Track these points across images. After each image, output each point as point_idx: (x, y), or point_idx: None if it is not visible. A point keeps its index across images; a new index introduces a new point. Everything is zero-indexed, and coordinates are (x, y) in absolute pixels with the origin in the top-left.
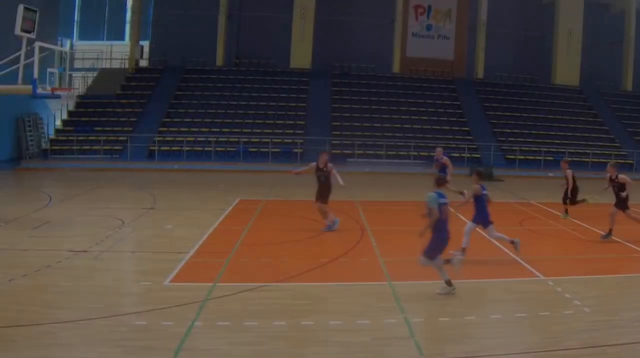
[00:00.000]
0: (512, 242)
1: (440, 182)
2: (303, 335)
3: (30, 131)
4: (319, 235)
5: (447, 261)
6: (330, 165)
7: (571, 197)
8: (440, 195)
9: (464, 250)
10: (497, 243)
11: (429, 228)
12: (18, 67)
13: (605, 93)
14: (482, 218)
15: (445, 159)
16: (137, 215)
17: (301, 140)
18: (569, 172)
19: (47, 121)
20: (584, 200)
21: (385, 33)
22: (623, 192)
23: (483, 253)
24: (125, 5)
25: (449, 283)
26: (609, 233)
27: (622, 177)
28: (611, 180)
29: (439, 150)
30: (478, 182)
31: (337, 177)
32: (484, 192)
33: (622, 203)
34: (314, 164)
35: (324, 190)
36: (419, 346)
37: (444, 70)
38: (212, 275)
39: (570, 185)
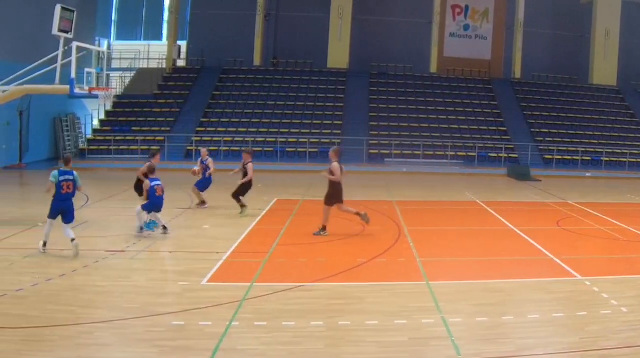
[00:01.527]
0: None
1: None
2: (340, 335)
3: (67, 131)
4: (356, 235)
5: None
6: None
7: None
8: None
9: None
10: (534, 242)
11: None
12: (55, 67)
13: None
14: None
15: None
16: (174, 215)
17: (338, 140)
18: None
19: (84, 121)
20: None
21: (422, 33)
22: None
23: (520, 253)
24: (163, 5)
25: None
26: None
27: None
28: None
29: None
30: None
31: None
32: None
33: None
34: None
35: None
36: (456, 346)
37: (482, 70)
38: (249, 275)
39: None
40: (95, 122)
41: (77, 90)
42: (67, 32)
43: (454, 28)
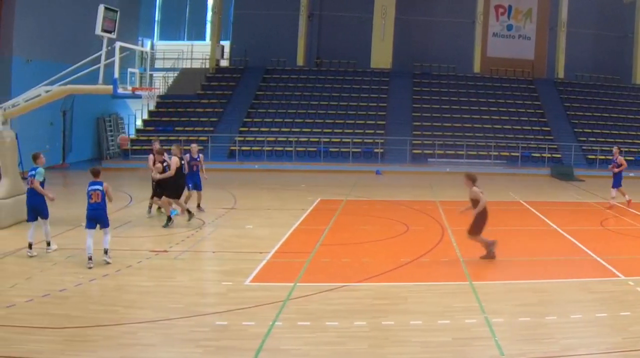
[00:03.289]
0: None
1: None
2: (383, 335)
3: (111, 131)
4: (399, 235)
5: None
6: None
7: None
8: None
9: None
10: (577, 242)
11: None
12: (99, 67)
13: None
14: None
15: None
16: (218, 215)
17: (382, 140)
18: None
19: (127, 121)
20: None
21: (466, 33)
22: None
23: (563, 253)
24: (206, 5)
25: None
26: None
27: None
28: None
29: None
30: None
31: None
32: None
33: None
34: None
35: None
36: (499, 346)
37: (525, 70)
38: (292, 275)
39: None
40: (139, 122)
41: (120, 90)
42: (110, 32)
43: (497, 28)
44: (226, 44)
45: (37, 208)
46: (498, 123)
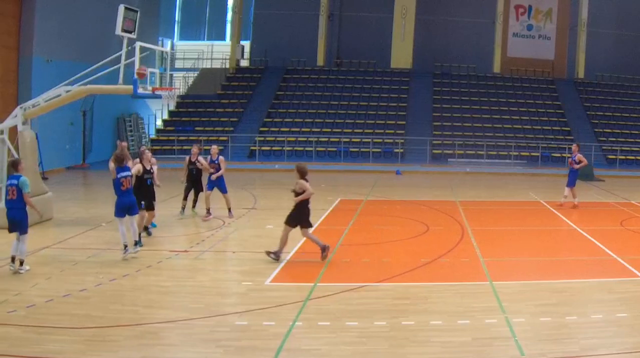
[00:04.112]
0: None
1: None
2: (404, 335)
3: (131, 131)
4: (419, 235)
5: None
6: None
7: None
8: None
9: None
10: (597, 242)
11: None
12: (119, 67)
13: None
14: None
15: None
16: (238, 215)
17: (402, 140)
18: None
19: (147, 121)
20: None
21: (485, 33)
22: None
23: (583, 253)
24: (226, 5)
25: None
26: None
27: None
28: None
29: None
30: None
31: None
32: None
33: None
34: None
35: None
36: (519, 346)
37: (545, 70)
38: (312, 275)
39: None
40: (159, 122)
41: (140, 90)
42: (130, 32)
43: (517, 28)
44: (246, 44)
45: (16, 222)
46: (518, 123)
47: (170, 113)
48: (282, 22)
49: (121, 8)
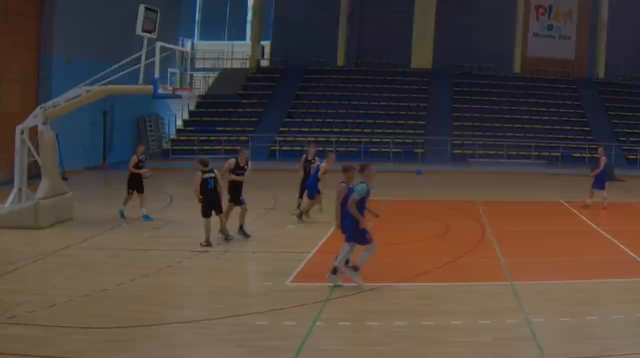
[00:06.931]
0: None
1: None
2: (424, 335)
3: (151, 131)
4: (440, 235)
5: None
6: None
7: None
8: None
9: None
10: (617, 242)
11: None
12: (139, 68)
13: None
14: None
15: None
16: (259, 215)
17: (422, 140)
18: None
19: (168, 121)
20: None
21: (506, 33)
22: None
23: (602, 252)
24: (247, 5)
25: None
26: None
27: None
28: None
29: None
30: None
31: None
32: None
33: None
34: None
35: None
36: (540, 346)
37: (565, 70)
38: None
39: None
40: (179, 123)
41: (160, 91)
42: (150, 32)
43: (537, 28)
44: (266, 44)
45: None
46: (538, 123)
47: (191, 113)
48: (303, 22)
49: (141, 8)
